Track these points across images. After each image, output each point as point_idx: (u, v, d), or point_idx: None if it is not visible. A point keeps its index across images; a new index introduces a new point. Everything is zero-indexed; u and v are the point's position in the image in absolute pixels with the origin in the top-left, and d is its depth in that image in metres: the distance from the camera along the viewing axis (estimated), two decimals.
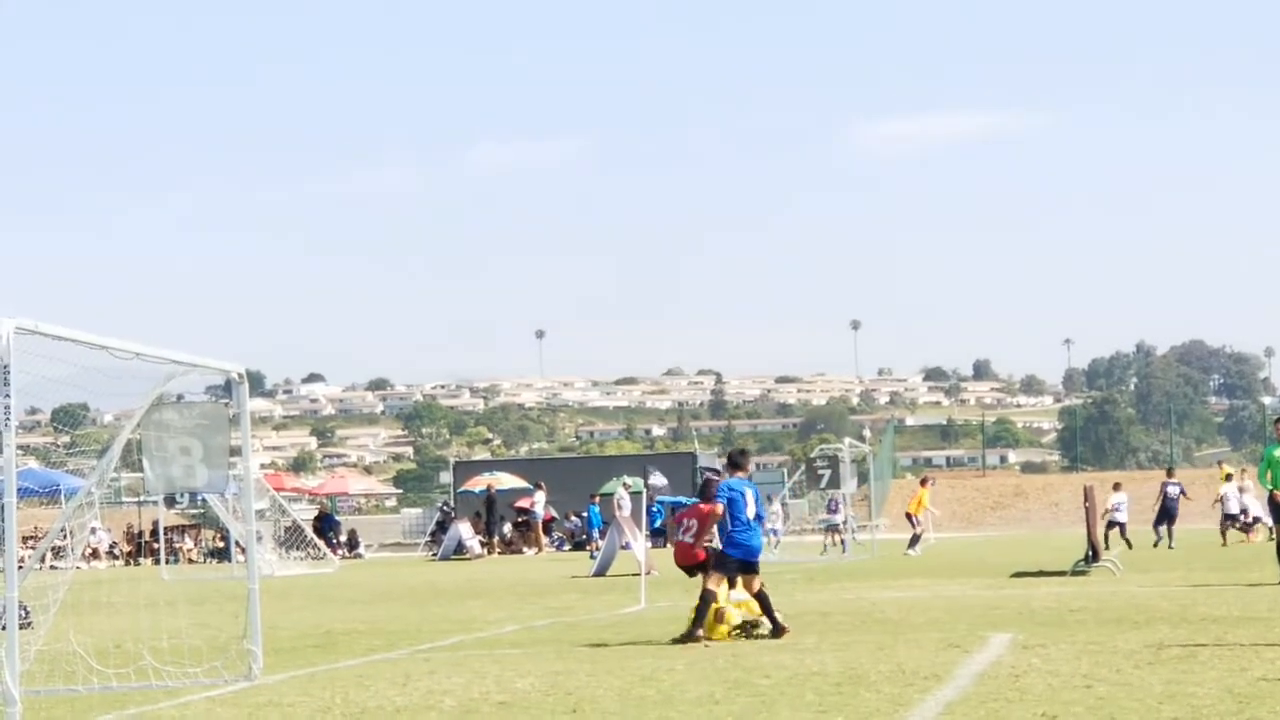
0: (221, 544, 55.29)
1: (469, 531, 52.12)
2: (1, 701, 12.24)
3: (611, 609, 23.74)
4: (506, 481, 60.21)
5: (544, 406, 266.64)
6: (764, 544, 19.70)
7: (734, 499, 17.76)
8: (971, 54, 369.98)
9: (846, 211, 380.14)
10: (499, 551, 54.60)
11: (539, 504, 55.61)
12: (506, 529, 56.83)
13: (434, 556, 52.71)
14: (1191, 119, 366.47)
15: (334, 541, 54.96)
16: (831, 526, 45.78)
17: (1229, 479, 45.49)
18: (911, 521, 43.45)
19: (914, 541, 42.50)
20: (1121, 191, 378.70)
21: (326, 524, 57.06)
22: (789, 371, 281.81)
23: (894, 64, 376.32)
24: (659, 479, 42.80)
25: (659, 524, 45.45)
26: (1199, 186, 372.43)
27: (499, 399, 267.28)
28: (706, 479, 18.71)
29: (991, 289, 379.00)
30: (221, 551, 54.50)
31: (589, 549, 48.51)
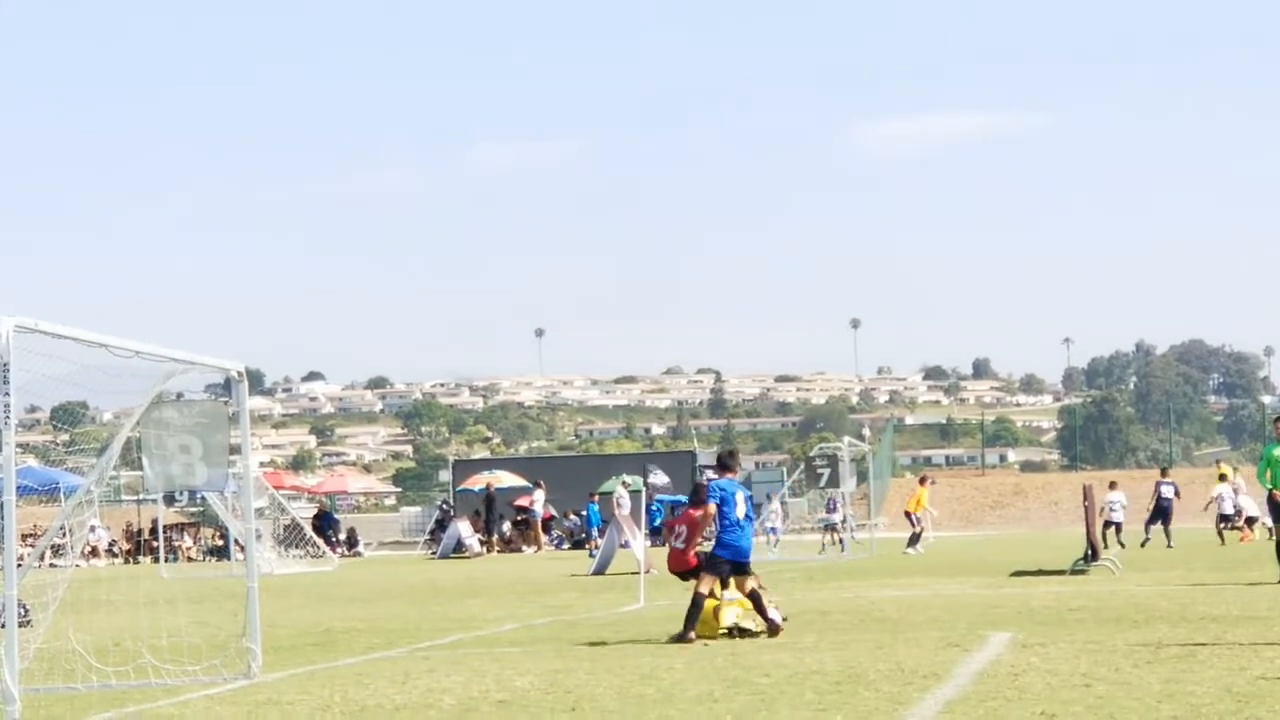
0: (221, 542, 55.30)
1: (468, 530, 52.13)
2: (1, 699, 12.25)
3: (611, 607, 23.73)
4: (506, 480, 60.27)
5: (543, 405, 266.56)
6: (764, 542, 19.78)
7: (724, 500, 17.78)
8: (971, 54, 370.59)
9: (846, 211, 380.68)
10: (498, 550, 54.59)
11: (538, 502, 55.60)
12: (506, 527, 56.83)
13: (433, 555, 52.72)
14: (1191, 119, 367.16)
15: (333, 540, 54.95)
16: (830, 526, 45.79)
17: (1223, 479, 45.42)
18: (911, 520, 43.46)
19: (913, 540, 42.51)
20: (1121, 191, 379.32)
21: (326, 522, 57.08)
22: (788, 370, 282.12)
23: (894, 64, 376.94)
24: (659, 477, 42.84)
25: (658, 523, 45.42)
26: (1199, 186, 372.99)
27: (498, 398, 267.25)
28: (697, 484, 18.76)
29: (991, 288, 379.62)
30: (221, 550, 54.50)
31: (588, 547, 48.48)
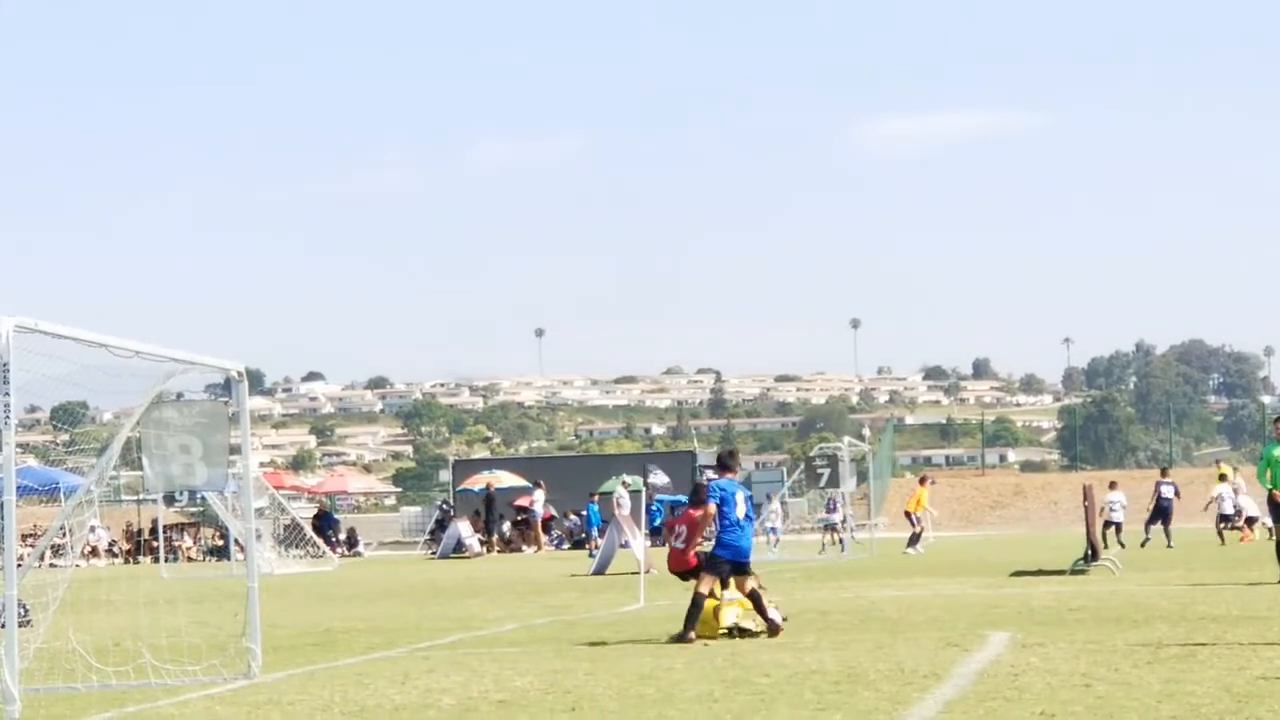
0: (221, 542, 55.31)
1: (468, 530, 52.13)
2: (1, 699, 12.25)
3: (610, 607, 23.73)
4: (506, 480, 60.28)
5: (543, 405, 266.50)
6: (764, 542, 19.83)
7: (724, 500, 17.77)
8: (972, 54, 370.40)
9: (846, 211, 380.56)
10: (498, 550, 54.58)
11: (538, 502, 55.60)
12: (506, 527, 56.82)
13: (433, 555, 52.72)
14: (1191, 119, 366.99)
15: (333, 540, 54.96)
16: (829, 525, 45.75)
17: (1223, 479, 45.36)
18: (911, 520, 43.45)
19: (913, 540, 42.51)
20: (1121, 191, 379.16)
21: (326, 522, 57.08)
22: (788, 370, 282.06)
23: (893, 64, 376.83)
24: (659, 477, 42.81)
25: (658, 523, 45.42)
26: (1199, 186, 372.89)
27: (498, 397, 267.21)
28: (697, 484, 18.73)
29: (991, 288, 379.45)
30: (221, 550, 54.51)
31: (588, 547, 48.48)
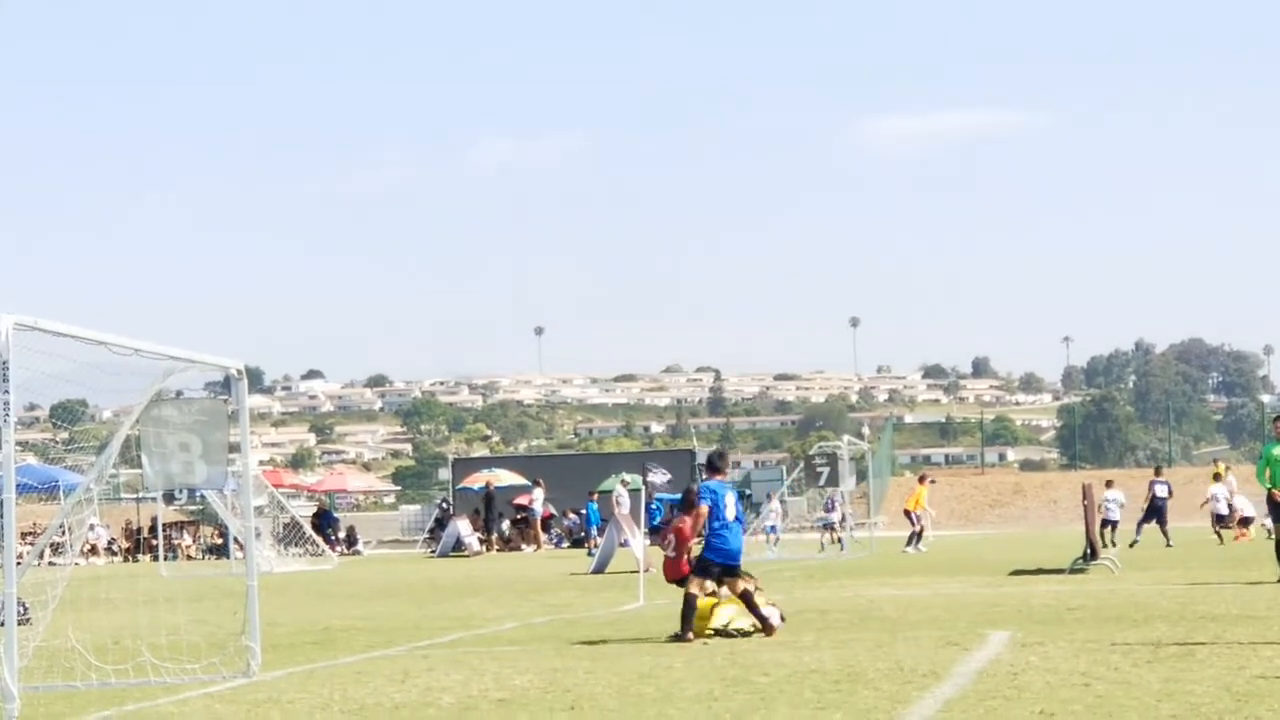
0: (220, 540, 55.27)
1: (467, 528, 52.12)
2: (1, 697, 12.25)
3: (610, 606, 23.74)
4: (505, 478, 60.26)
5: (543, 403, 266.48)
6: (763, 541, 19.76)
7: (715, 502, 17.70)
8: (972, 53, 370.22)
9: (846, 211, 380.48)
10: (497, 548, 54.59)
11: (537, 501, 55.58)
12: (505, 526, 56.82)
13: (432, 553, 52.71)
14: (1191, 119, 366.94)
15: (332, 538, 54.97)
16: (828, 525, 45.71)
17: (1217, 479, 45.30)
18: (910, 519, 43.45)
19: (913, 539, 42.51)
20: (1121, 191, 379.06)
21: (325, 521, 57.09)
22: (788, 369, 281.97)
23: (893, 64, 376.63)
24: (659, 476, 42.74)
25: (658, 521, 45.40)
26: (1199, 186, 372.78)
27: (498, 396, 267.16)
28: (688, 489, 18.69)
29: (990, 287, 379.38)
30: (220, 548, 54.47)
31: (587, 546, 48.45)
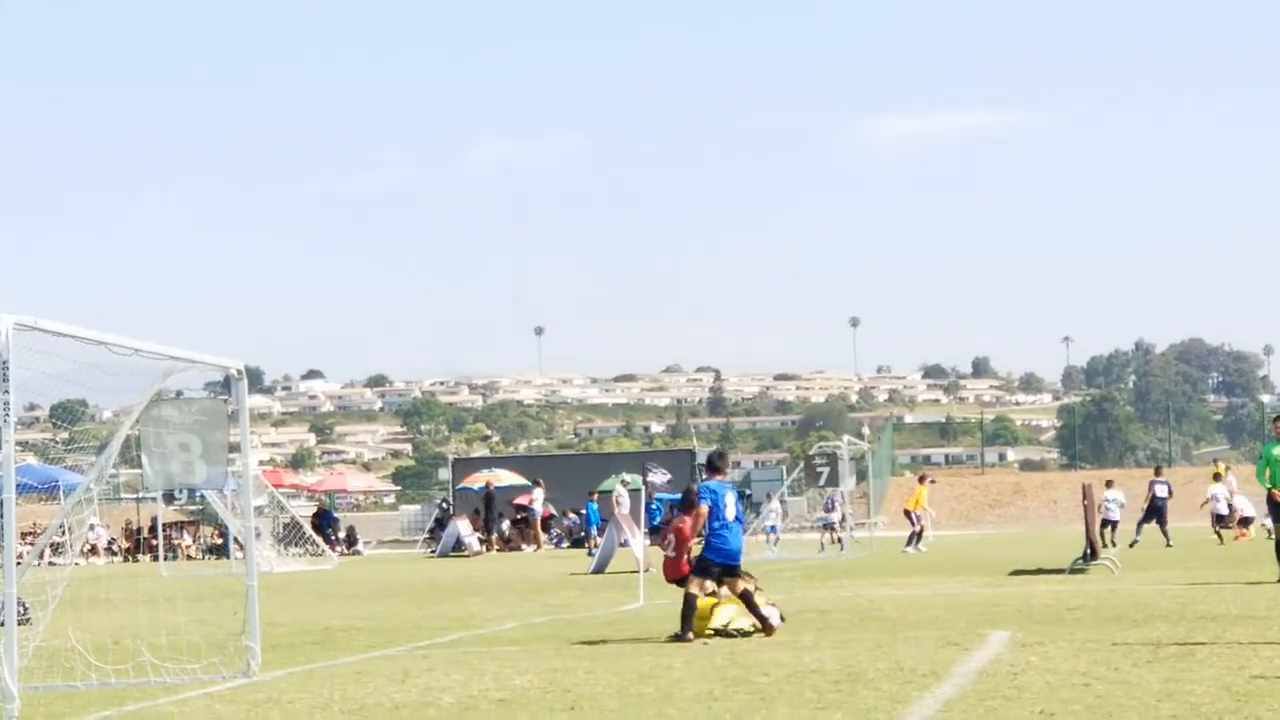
0: (220, 540, 55.27)
1: (467, 528, 52.12)
2: (0, 697, 12.25)
3: (610, 606, 23.73)
4: (505, 478, 60.25)
5: (543, 403, 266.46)
6: (763, 541, 19.74)
7: (714, 502, 17.70)
8: (972, 53, 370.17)
9: (846, 210, 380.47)
10: (497, 548, 54.58)
11: (537, 501, 55.58)
12: (505, 526, 56.82)
13: (432, 553, 52.71)
14: (1191, 119, 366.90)
15: (332, 538, 54.96)
16: (828, 525, 45.69)
17: (1217, 479, 45.27)
18: (910, 519, 43.44)
19: (913, 539, 42.50)
20: (1121, 191, 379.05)
21: (325, 521, 57.08)
22: (788, 369, 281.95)
23: (893, 63, 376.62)
24: (660, 476, 42.73)
25: (658, 521, 45.39)
26: (1199, 186, 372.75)
27: (498, 396, 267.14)
28: (687, 489, 18.68)
29: (990, 287, 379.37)
30: (220, 548, 54.46)
31: (587, 546, 48.45)
